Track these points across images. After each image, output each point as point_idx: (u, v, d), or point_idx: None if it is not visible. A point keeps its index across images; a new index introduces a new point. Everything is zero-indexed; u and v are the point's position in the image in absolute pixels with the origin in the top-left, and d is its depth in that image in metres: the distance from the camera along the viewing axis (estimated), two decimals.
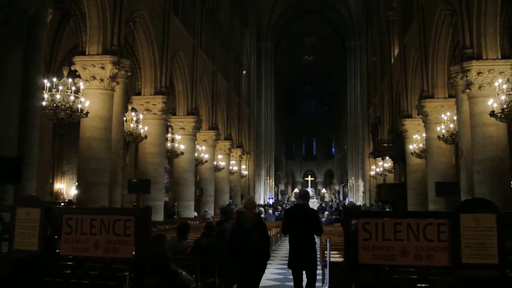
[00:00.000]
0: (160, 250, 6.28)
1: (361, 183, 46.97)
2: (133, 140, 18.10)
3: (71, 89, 13.42)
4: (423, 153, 21.35)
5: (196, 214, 25.68)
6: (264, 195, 51.02)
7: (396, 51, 28.50)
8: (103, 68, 14.85)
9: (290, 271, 7.73)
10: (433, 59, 19.55)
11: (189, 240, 8.99)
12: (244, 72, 43.02)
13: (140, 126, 18.11)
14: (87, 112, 13.67)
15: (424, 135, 21.08)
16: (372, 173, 39.64)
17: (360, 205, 35.60)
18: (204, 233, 8.65)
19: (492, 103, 13.16)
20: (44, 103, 12.82)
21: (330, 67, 67.47)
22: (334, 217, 25.59)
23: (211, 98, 29.33)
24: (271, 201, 47.39)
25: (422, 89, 20.58)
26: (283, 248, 18.42)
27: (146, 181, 18.42)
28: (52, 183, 28.14)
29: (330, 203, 49.92)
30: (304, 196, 7.87)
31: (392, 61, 30.20)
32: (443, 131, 17.86)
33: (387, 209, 22.74)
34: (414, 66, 22.75)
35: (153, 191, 18.90)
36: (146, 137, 18.36)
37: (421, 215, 4.19)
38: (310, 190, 62.38)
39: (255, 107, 47.16)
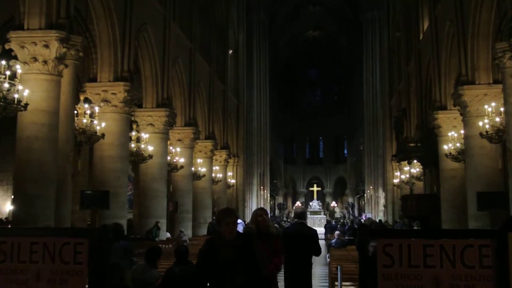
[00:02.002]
0: (120, 282, 6.24)
1: (381, 194, 47.11)
2: (86, 140, 18.03)
3: (4, 74, 13.34)
4: (461, 155, 21.44)
5: (169, 235, 25.58)
6: None
7: (426, 25, 28.61)
8: (47, 46, 14.77)
9: None
10: (473, 34, 19.64)
11: (160, 269, 8.95)
12: (231, 52, 43.02)
13: (95, 122, 18.05)
14: (26, 104, 13.58)
15: (462, 131, 21.18)
16: (396, 181, 39.74)
17: (381, 222, 35.63)
18: (177, 260, 8.62)
19: None
20: None
21: (341, 45, 67.73)
22: (347, 238, 25.59)
23: (188, 85, 29.29)
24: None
25: (459, 73, 20.67)
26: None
27: (104, 193, 18.32)
28: None
29: (341, 220, 50.11)
30: (301, 215, 9.49)
31: (421, 37, 30.31)
32: (487, 126, 17.94)
33: (415, 227, 22.81)
34: (449, 44, 22.85)
35: (113, 206, 18.82)
36: (103, 135, 18.28)
37: (458, 235, 4.19)
38: (316, 203, 62.69)
39: (244, 97, 47.20)
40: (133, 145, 22.14)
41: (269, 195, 58.01)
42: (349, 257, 15.45)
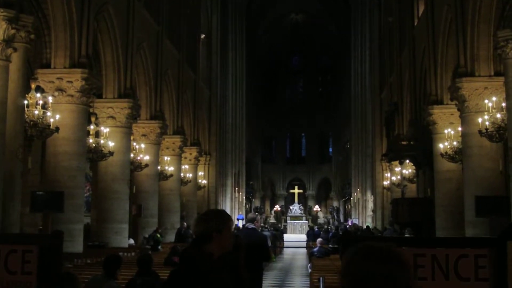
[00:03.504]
0: None
1: (370, 198, 47.36)
2: (38, 134, 17.87)
3: None
4: (458, 155, 21.60)
5: (132, 242, 25.48)
6: (231, 214, 50.96)
7: (421, 9, 28.78)
8: None
9: None
10: (473, 20, 19.77)
11: (120, 280, 8.91)
12: (203, 36, 42.91)
13: (49, 114, 17.88)
14: None
15: (459, 129, 21.33)
16: (386, 182, 39.95)
17: (369, 229, 35.81)
18: (140, 270, 8.60)
19: None
20: None
21: (327, 31, 67.89)
22: (330, 246, 25.69)
23: (154, 74, 29.17)
24: (240, 223, 47.35)
25: (457, 63, 20.82)
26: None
27: (57, 195, 18.19)
28: None
29: (325, 226, 50.25)
30: (252, 221, 10.84)
31: (415, 23, 30.50)
32: (487, 123, 18.06)
33: (406, 235, 22.96)
34: (447, 31, 22.99)
35: (68, 208, 18.70)
36: (58, 129, 18.13)
37: (452, 243, 4.23)
38: (297, 207, 62.91)
39: (218, 88, 47.17)
40: (91, 140, 21.98)
41: (244, 197, 58.04)
42: (332, 267, 15.52)
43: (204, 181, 42.55)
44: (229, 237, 4.43)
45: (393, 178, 36.13)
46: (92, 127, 22.62)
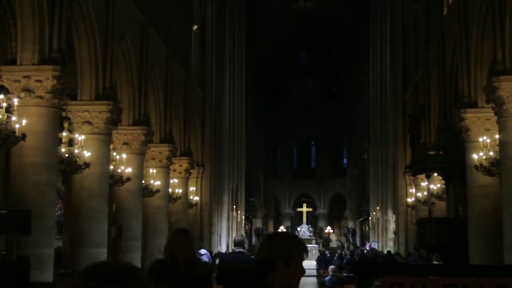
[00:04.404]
0: None
1: (391, 218, 47.35)
2: (1, 143, 17.86)
3: None
4: (495, 167, 21.55)
5: None
6: (228, 237, 50.97)
7: None
8: None
9: None
10: None
11: None
12: (195, 28, 42.94)
13: (14, 119, 17.86)
14: None
15: (497, 136, 21.30)
16: (411, 200, 39.92)
17: (390, 254, 35.75)
18: None
19: None
20: None
21: (340, 21, 67.98)
22: (345, 274, 25.65)
23: (138, 71, 29.15)
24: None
25: (494, 59, 20.79)
26: None
27: (24, 214, 18.13)
28: None
29: (339, 251, 50.22)
30: (240, 244, 11.87)
31: (445, 12, 30.50)
32: None
33: (434, 262, 22.90)
34: (482, 21, 22.98)
35: (37, 230, 18.60)
36: (24, 136, 18.10)
37: (488, 272, 4.19)
38: (305, 228, 62.97)
39: (213, 88, 47.18)
40: (63, 150, 21.91)
41: (244, 217, 58.03)
42: None
43: (196, 198, 42.48)
44: (298, 271, 4.17)
45: (419, 194, 36.07)
46: (64, 134, 22.58)
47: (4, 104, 17.88)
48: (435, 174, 29.55)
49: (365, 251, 44.04)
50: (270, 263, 3.98)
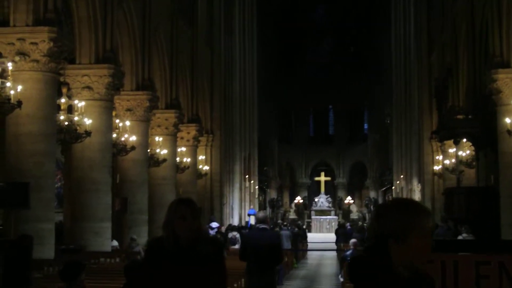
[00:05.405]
0: None
1: (416, 187, 47.35)
2: None
3: None
4: None
5: (116, 243, 25.53)
6: (240, 209, 51.15)
7: None
8: None
9: None
10: None
11: None
12: None
13: (8, 85, 17.87)
14: None
15: None
16: (437, 167, 39.88)
17: None
18: (128, 282, 8.61)
19: None
20: None
21: None
22: None
23: (141, 32, 29.07)
24: (252, 220, 47.48)
25: None
26: None
27: (21, 186, 18.22)
28: None
29: (360, 223, 50.29)
30: (263, 220, 12.79)
31: None
32: None
33: (463, 234, 22.90)
34: None
35: (35, 204, 18.72)
36: (20, 104, 18.13)
37: None
38: (323, 199, 63.08)
39: (222, 48, 47.04)
40: (62, 118, 21.91)
41: (257, 187, 58.14)
42: None
43: (206, 167, 42.59)
44: (419, 247, 3.53)
45: (446, 161, 36.04)
46: (63, 100, 22.55)
47: None
48: (464, 140, 29.47)
49: None
50: (382, 243, 3.52)
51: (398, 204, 3.60)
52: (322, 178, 67.02)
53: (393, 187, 56.44)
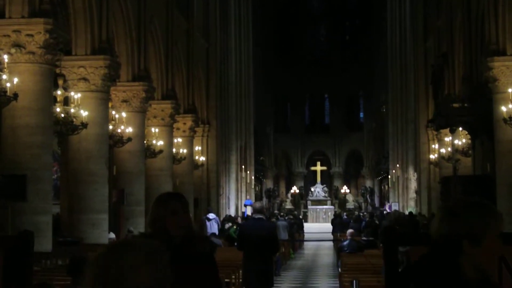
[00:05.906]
0: None
1: (412, 176, 47.42)
2: None
3: None
4: None
5: (113, 236, 25.57)
6: (237, 199, 51.19)
7: None
8: None
9: None
10: None
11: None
12: None
13: (4, 77, 17.88)
14: None
15: None
16: (434, 156, 39.93)
17: (412, 216, 35.78)
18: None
19: None
20: None
21: None
22: (364, 238, 25.78)
23: (137, 22, 29.05)
24: (248, 210, 47.55)
25: None
26: None
27: (18, 179, 18.26)
28: None
29: (356, 213, 50.33)
30: (260, 210, 13.50)
31: None
32: None
33: None
34: None
35: (32, 196, 18.78)
36: (16, 96, 18.16)
37: None
38: (320, 189, 63.15)
39: (217, 38, 46.96)
40: (59, 109, 21.90)
41: (253, 177, 58.13)
42: (368, 266, 15.58)
43: (202, 158, 42.57)
44: (493, 251, 3.45)
45: (442, 150, 36.10)
46: (59, 92, 22.53)
47: None
48: (460, 128, 29.55)
49: (385, 213, 44.12)
50: (454, 244, 3.32)
51: (473, 204, 3.47)
52: (318, 167, 67.09)
53: (389, 176, 56.45)
